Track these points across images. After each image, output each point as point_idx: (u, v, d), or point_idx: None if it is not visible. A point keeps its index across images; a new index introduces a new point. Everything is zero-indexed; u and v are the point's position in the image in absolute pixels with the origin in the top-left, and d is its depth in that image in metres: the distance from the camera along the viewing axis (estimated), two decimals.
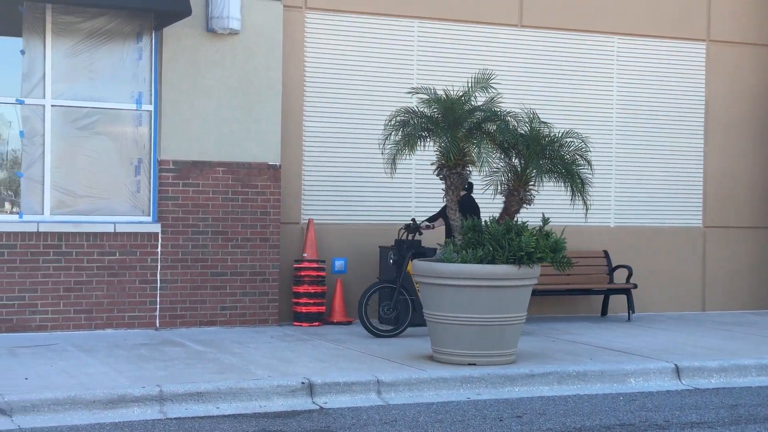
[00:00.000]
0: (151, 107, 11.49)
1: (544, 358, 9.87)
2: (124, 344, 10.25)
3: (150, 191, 11.50)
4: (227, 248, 11.64)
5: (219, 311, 11.63)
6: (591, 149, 10.28)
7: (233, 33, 11.58)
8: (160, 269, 11.35)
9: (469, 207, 11.20)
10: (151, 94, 11.50)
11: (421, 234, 11.63)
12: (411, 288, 11.36)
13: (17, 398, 7.57)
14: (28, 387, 7.99)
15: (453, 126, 9.88)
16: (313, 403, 8.34)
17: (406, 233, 11.51)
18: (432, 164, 10.22)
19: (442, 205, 11.25)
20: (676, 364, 9.67)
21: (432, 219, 11.68)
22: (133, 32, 11.45)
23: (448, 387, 8.86)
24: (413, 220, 11.62)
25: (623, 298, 13.45)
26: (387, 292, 11.40)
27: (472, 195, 11.48)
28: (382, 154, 10.24)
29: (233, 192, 11.70)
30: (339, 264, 12.48)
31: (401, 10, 12.83)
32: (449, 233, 11.29)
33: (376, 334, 11.14)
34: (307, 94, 12.46)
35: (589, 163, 10.12)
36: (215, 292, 11.58)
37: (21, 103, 11.01)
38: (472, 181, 11.40)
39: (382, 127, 10.33)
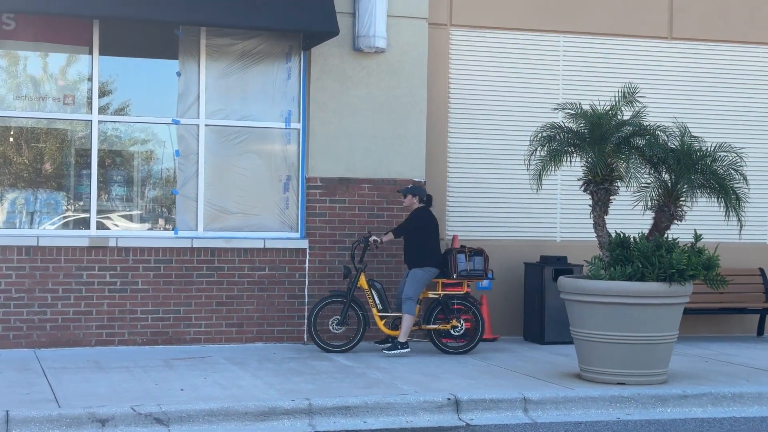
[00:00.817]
0: (299, 125, 11.74)
1: (697, 379, 9.58)
2: (273, 357, 10.48)
3: (298, 208, 11.74)
4: (373, 264, 11.75)
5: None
6: (746, 163, 9.94)
7: (379, 51, 11.73)
8: (308, 284, 11.56)
9: (426, 220, 10.93)
10: (299, 113, 11.75)
11: (377, 247, 11.28)
12: (363, 302, 11.09)
13: (174, 408, 7.84)
14: (183, 398, 8.26)
15: (600, 141, 9.73)
16: (460, 419, 8.32)
17: (363, 246, 11.07)
18: (578, 180, 10.10)
19: (410, 216, 10.96)
20: None
21: (385, 233, 11.21)
22: (282, 53, 11.74)
23: (596, 406, 8.71)
24: (369, 232, 11.32)
25: None
26: (339, 307, 11.03)
27: (430, 209, 11.13)
28: (528, 169, 10.17)
29: (379, 208, 11.82)
30: (484, 281, 12.40)
31: (547, 25, 12.74)
32: (407, 252, 10.97)
33: (326, 348, 10.89)
34: (452, 111, 12.50)
35: (744, 177, 9.79)
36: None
37: (177, 123, 11.43)
38: (430, 194, 11.22)
39: (527, 143, 10.27)
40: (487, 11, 12.52)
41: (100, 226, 11.20)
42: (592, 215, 9.93)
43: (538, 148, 10.07)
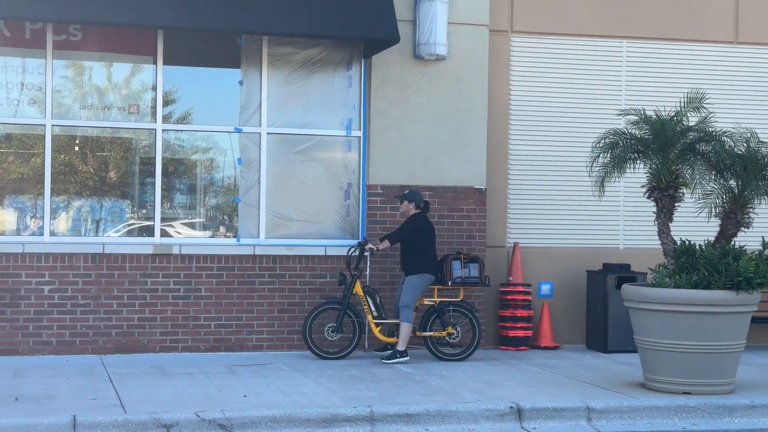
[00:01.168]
0: (360, 133, 11.77)
1: (765, 389, 9.40)
2: (334, 365, 10.49)
3: (359, 215, 11.76)
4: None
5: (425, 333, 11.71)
6: None
7: (440, 59, 11.72)
8: None
9: (422, 227, 10.81)
10: (360, 120, 11.78)
11: (372, 255, 11.08)
12: (359, 309, 10.95)
13: (237, 415, 7.89)
14: (246, 404, 8.31)
15: (664, 147, 9.62)
16: (522, 428, 8.27)
17: (358, 251, 10.93)
18: (642, 187, 9.99)
19: (405, 223, 10.82)
20: None
21: (381, 240, 11.05)
22: (343, 61, 11.79)
23: (661, 416, 8.59)
24: (364, 238, 11.16)
25: None
26: (336, 313, 10.90)
27: (427, 215, 11.00)
28: (590, 176, 10.10)
29: (439, 216, 11.79)
30: (545, 288, 12.35)
31: (609, 31, 12.63)
32: (404, 258, 10.84)
33: (321, 356, 10.78)
34: (513, 117, 12.44)
35: None
36: (422, 314, 11.67)
37: (239, 131, 11.54)
38: (428, 200, 11.08)
39: (589, 150, 10.20)
40: (548, 17, 12.46)
41: (164, 233, 11.33)
42: (656, 222, 9.81)
43: (601, 155, 9.98)
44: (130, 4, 10.40)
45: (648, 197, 9.88)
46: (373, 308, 10.91)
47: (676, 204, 9.77)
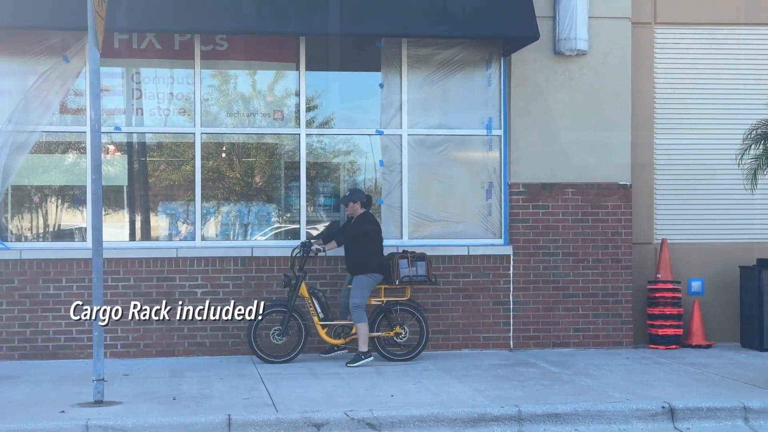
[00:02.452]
0: (500, 132, 11.72)
1: None
2: (480, 364, 10.49)
3: (501, 214, 11.71)
4: (578, 269, 11.58)
5: (572, 332, 11.58)
6: None
7: (580, 54, 11.56)
8: (513, 291, 11.51)
9: (370, 225, 10.48)
10: (500, 119, 11.73)
11: (318, 254, 10.63)
12: (305, 311, 10.58)
13: (385, 414, 7.98)
14: (393, 404, 8.40)
15: None
16: (675, 428, 8.09)
17: (301, 252, 10.56)
18: None
19: (354, 222, 10.54)
20: None
21: (325, 240, 10.70)
22: (482, 60, 11.75)
23: None
24: (308, 238, 10.80)
25: None
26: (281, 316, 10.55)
27: (370, 211, 10.66)
28: (740, 169, 9.79)
29: (583, 213, 11.64)
30: (696, 285, 12.02)
31: (758, 18, 12.20)
32: (351, 258, 10.50)
33: (267, 360, 10.45)
34: (657, 111, 12.15)
35: None
36: (567, 313, 11.55)
37: (380, 133, 11.65)
38: (370, 195, 10.69)
39: (740, 141, 9.89)
40: (692, 7, 12.13)
41: (309, 236, 11.53)
42: None
43: (752, 146, 9.68)
44: (274, 13, 10.65)
45: None
46: (319, 310, 10.68)
47: None
